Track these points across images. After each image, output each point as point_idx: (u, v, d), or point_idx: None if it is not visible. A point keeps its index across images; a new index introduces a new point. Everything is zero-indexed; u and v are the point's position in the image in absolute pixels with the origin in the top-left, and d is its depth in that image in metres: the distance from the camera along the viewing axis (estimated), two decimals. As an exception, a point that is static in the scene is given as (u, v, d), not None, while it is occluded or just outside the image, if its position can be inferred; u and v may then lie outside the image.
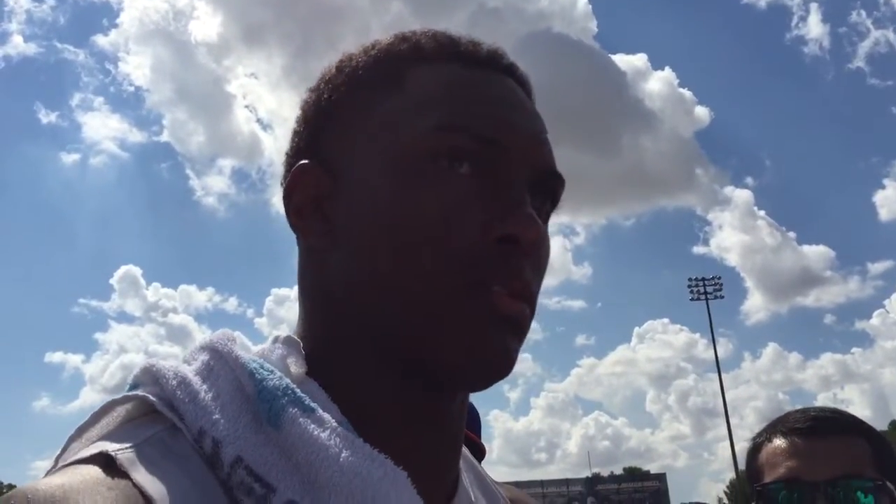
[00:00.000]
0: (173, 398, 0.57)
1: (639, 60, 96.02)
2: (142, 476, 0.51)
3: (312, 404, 0.57)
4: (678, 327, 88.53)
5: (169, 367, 0.60)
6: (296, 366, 0.62)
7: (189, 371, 0.60)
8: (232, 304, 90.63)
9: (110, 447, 0.53)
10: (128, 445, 0.53)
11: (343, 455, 0.54)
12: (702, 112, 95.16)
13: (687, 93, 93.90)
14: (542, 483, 39.63)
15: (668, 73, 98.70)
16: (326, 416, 0.57)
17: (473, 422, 1.74)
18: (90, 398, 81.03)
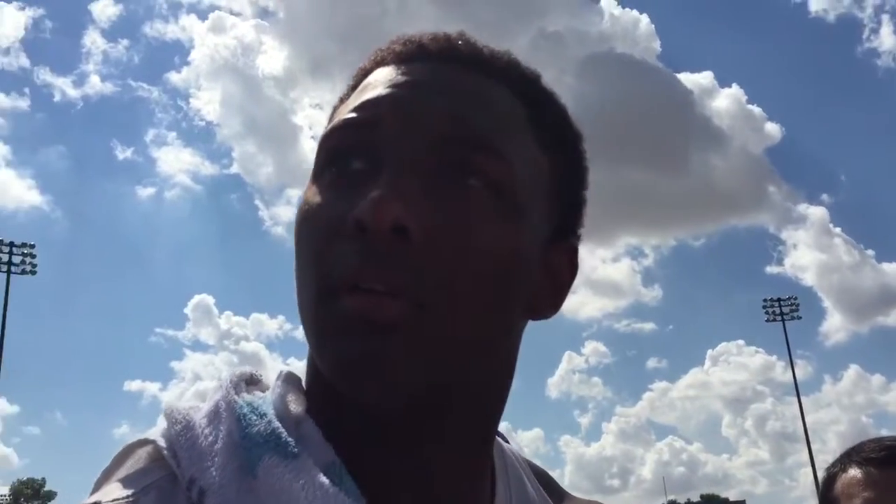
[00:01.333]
0: (175, 444, 0.58)
1: (704, 78, 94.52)
2: None
3: (296, 449, 0.56)
4: (753, 349, 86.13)
5: (181, 411, 0.60)
6: (294, 404, 0.62)
7: (198, 414, 0.60)
8: (302, 333, 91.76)
9: (108, 496, 0.55)
10: (128, 494, 0.55)
11: None
12: (772, 128, 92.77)
13: (756, 109, 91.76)
14: (616, 512, 38.73)
15: (735, 91, 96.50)
16: (309, 461, 0.56)
17: None
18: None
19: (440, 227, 0.56)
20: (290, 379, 0.65)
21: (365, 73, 0.67)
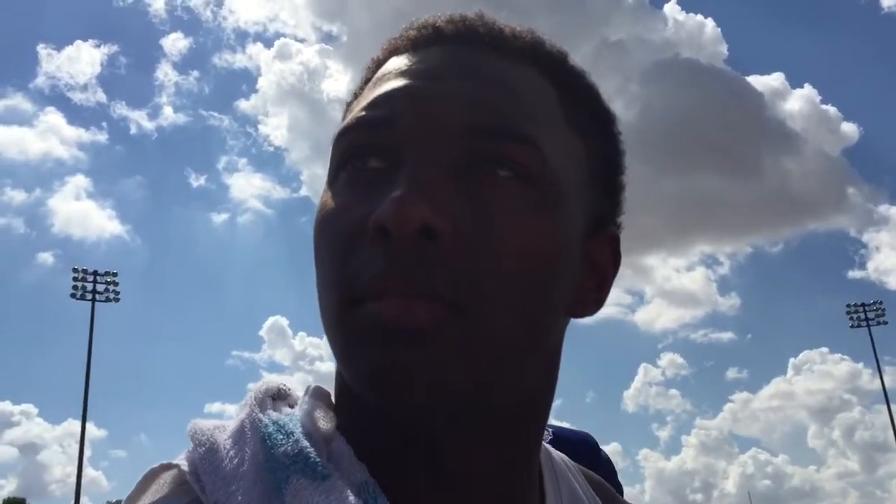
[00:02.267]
0: (199, 468, 0.53)
1: (775, 80, 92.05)
2: None
3: (326, 470, 0.52)
4: (838, 357, 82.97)
5: (204, 432, 0.56)
6: (323, 421, 0.57)
7: (223, 435, 0.56)
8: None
9: None
10: None
11: None
12: (849, 128, 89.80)
13: (831, 109, 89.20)
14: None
15: (808, 91, 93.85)
16: (340, 483, 0.51)
17: (573, 457, 1.62)
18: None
19: (470, 225, 0.52)
20: (318, 394, 0.61)
21: (378, 63, 0.63)
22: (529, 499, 0.61)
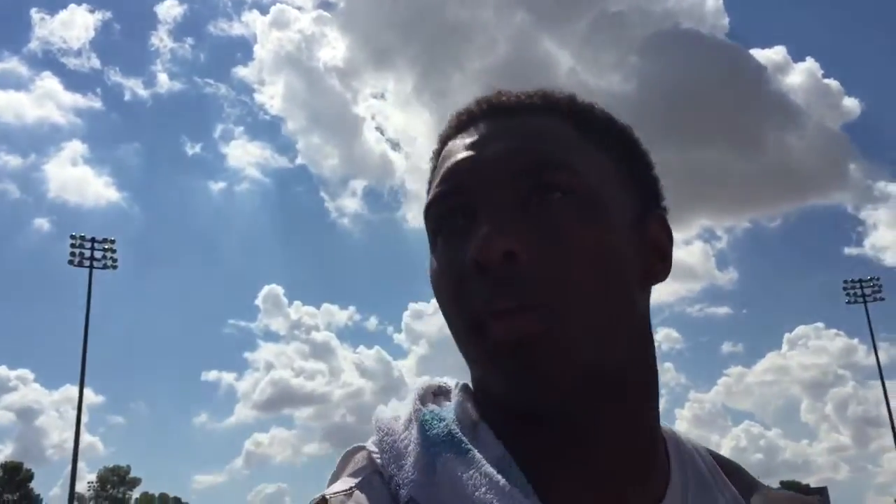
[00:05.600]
0: (381, 448, 0.71)
1: (777, 53, 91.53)
2: None
3: (469, 446, 0.67)
4: (833, 332, 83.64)
5: (385, 420, 0.73)
6: (472, 410, 0.72)
7: (398, 423, 0.72)
8: (372, 323, 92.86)
9: (331, 490, 0.70)
10: (347, 487, 0.69)
11: (477, 493, 0.63)
12: (851, 103, 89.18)
13: (833, 83, 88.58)
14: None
15: (810, 64, 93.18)
16: (479, 455, 0.66)
17: None
18: (244, 413, 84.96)
19: (540, 242, 0.66)
20: (466, 389, 0.76)
21: (438, 152, 0.79)
22: (654, 474, 0.73)
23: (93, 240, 36.78)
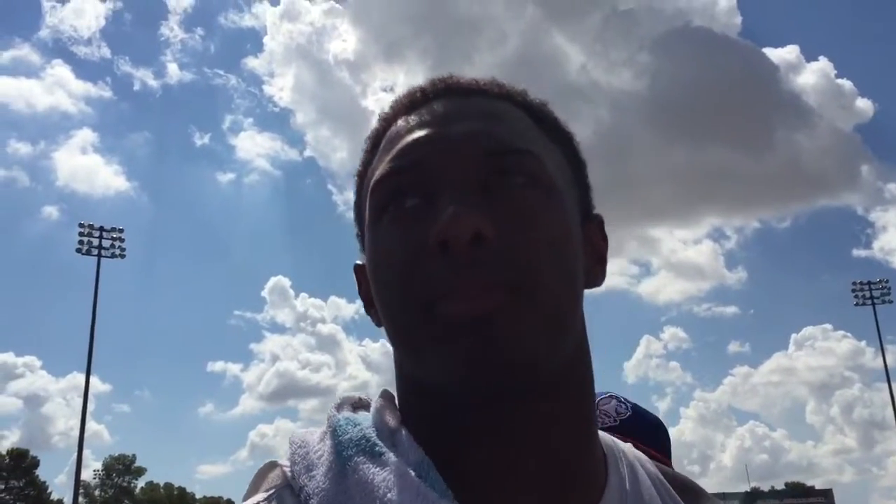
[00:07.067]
0: (293, 461, 0.69)
1: (790, 53, 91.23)
2: None
3: (383, 449, 0.65)
4: (841, 334, 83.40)
5: (298, 434, 0.72)
6: (390, 416, 0.70)
7: (312, 436, 0.71)
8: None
9: None
10: (256, 501, 0.67)
11: (389, 495, 0.60)
12: (864, 104, 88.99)
13: (846, 83, 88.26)
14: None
15: (823, 64, 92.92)
16: (395, 459, 0.64)
17: (651, 437, 1.61)
18: (249, 405, 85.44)
19: (507, 223, 0.64)
20: (386, 395, 0.75)
21: (380, 131, 0.76)
22: (588, 481, 0.69)
23: (101, 228, 36.90)
